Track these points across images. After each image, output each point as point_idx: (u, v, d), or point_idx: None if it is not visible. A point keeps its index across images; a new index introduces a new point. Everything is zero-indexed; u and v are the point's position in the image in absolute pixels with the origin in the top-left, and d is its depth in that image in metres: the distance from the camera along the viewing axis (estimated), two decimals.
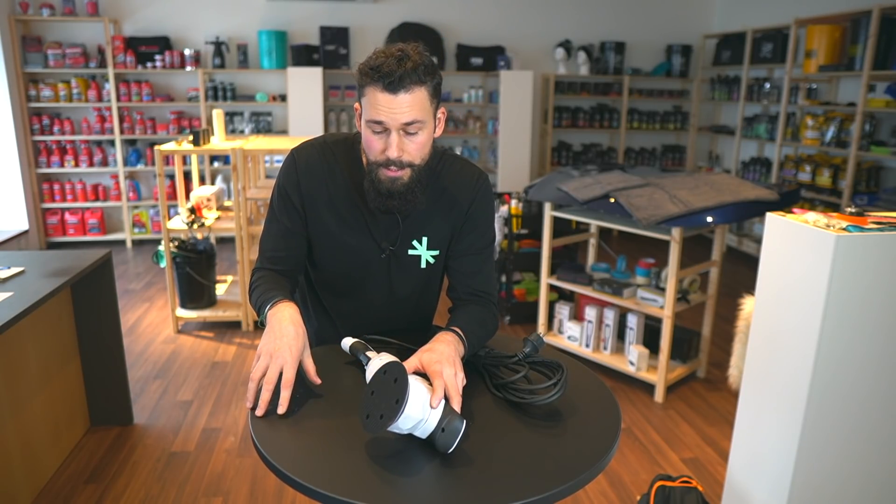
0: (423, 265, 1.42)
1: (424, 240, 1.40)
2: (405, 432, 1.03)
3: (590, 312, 3.41)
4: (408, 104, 1.19)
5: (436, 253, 1.42)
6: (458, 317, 1.36)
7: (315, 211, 1.37)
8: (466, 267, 1.43)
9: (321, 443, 1.08)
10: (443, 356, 1.15)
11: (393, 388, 1.01)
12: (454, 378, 1.11)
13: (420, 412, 1.02)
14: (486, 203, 1.42)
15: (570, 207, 3.49)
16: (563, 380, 1.18)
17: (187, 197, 4.74)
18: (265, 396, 1.13)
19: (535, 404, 1.17)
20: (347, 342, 1.34)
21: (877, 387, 1.63)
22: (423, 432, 1.04)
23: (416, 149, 1.25)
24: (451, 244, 1.43)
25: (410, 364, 1.17)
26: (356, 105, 1.29)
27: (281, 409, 1.12)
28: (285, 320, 1.20)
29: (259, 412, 1.12)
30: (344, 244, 1.39)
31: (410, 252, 1.40)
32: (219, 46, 5.80)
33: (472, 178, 1.41)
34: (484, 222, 1.43)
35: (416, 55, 1.20)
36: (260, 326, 1.27)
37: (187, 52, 5.75)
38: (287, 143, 4.15)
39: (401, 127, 1.21)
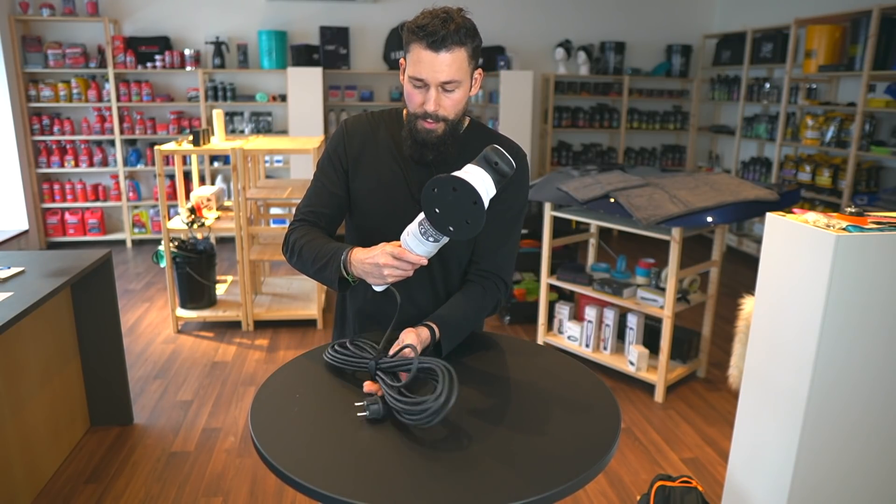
0: None
1: None
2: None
3: (590, 312, 3.41)
4: (447, 63, 1.29)
5: None
6: (446, 306, 1.43)
7: (359, 169, 1.47)
8: (489, 241, 1.46)
9: (321, 443, 1.08)
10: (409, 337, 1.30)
11: (458, 195, 1.12)
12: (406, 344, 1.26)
13: (486, 191, 1.14)
14: (524, 175, 1.46)
15: (570, 207, 3.49)
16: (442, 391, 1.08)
17: (187, 197, 4.74)
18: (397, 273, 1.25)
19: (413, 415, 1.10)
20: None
21: (877, 387, 1.63)
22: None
23: (451, 105, 1.36)
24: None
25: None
26: (401, 60, 1.39)
27: (416, 262, 1.24)
28: (363, 256, 1.28)
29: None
30: (383, 196, 1.46)
31: None
32: (219, 46, 5.80)
33: (513, 146, 1.45)
34: (516, 192, 1.45)
35: (459, 18, 1.30)
36: (352, 281, 1.37)
37: (187, 52, 5.75)
38: (287, 144, 4.15)
39: (439, 84, 1.32)
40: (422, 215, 1.21)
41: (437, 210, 1.16)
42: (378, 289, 1.33)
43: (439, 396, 1.06)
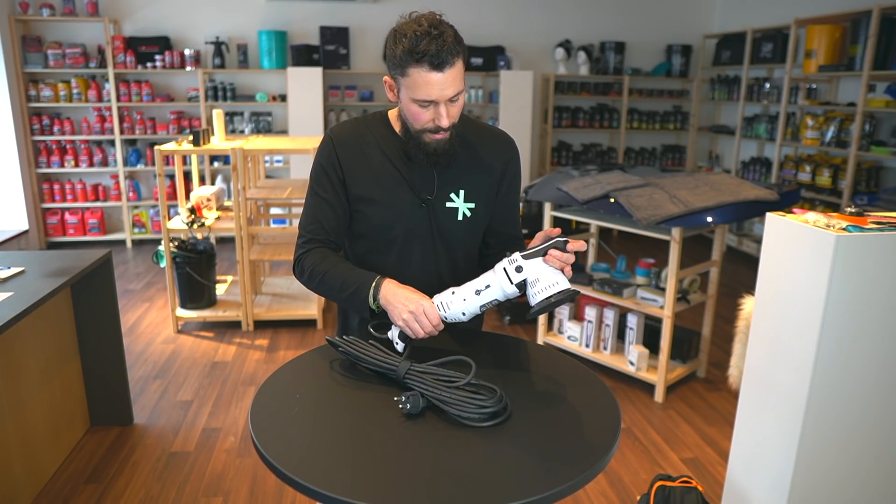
0: (461, 217, 1.49)
1: (461, 192, 1.48)
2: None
3: (590, 312, 3.41)
4: (452, 78, 1.30)
5: (472, 206, 1.50)
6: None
7: (355, 176, 1.46)
8: (508, 220, 1.58)
9: (321, 443, 1.08)
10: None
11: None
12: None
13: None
14: (518, 162, 1.58)
15: (570, 207, 3.49)
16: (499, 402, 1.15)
17: (187, 197, 4.74)
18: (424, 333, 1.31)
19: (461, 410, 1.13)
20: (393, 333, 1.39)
21: (877, 387, 1.63)
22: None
23: (457, 111, 1.39)
24: (493, 201, 1.53)
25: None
26: (386, 78, 1.38)
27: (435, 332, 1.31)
28: (396, 289, 1.33)
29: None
30: (386, 197, 1.46)
31: (448, 204, 1.48)
32: (219, 46, 5.80)
33: (505, 137, 1.55)
34: (519, 179, 1.58)
35: (446, 28, 1.28)
36: (377, 313, 1.38)
37: (187, 52, 5.75)
38: (287, 144, 4.15)
39: (448, 99, 1.33)
40: (486, 298, 1.27)
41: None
42: (394, 328, 1.35)
43: (500, 400, 1.13)
